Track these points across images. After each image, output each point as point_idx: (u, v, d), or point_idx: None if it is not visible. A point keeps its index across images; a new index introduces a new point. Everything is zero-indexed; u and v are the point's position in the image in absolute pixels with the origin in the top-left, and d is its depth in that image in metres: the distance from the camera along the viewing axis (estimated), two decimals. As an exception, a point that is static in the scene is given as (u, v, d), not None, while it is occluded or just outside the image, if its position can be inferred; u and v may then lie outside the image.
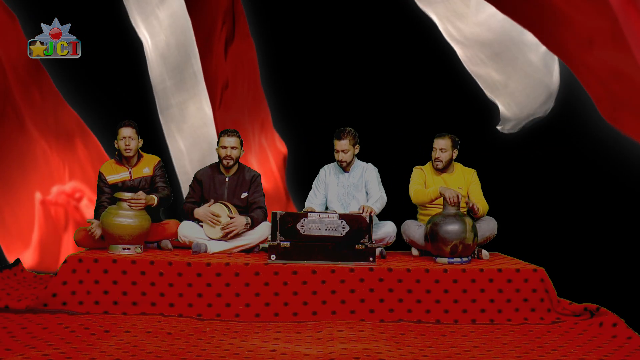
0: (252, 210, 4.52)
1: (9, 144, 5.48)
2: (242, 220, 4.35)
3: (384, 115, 5.68)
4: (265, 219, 4.52)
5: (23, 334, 3.19)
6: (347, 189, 4.67)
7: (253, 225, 4.41)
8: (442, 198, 4.30)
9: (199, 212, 4.43)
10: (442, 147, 4.58)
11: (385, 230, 4.55)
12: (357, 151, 4.68)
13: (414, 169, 4.76)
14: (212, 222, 4.36)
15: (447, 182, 4.62)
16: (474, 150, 5.20)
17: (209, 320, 3.68)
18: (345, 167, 4.70)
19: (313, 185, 4.78)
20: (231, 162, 4.54)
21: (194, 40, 5.69)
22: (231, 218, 4.34)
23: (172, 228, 4.52)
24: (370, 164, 4.72)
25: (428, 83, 5.67)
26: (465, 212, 4.42)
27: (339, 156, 4.61)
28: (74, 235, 4.46)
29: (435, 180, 4.64)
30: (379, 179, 4.67)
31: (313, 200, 4.71)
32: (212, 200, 4.47)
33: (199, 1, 5.76)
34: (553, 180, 5.39)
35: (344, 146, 4.59)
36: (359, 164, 4.72)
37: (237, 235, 4.36)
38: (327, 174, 4.76)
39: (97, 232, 4.28)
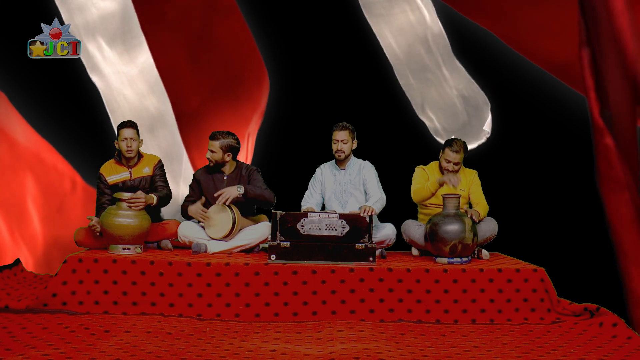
0: None
1: None
2: (233, 188, 4.32)
3: (384, 115, 5.68)
4: (269, 195, 4.43)
5: (23, 334, 3.19)
6: (344, 186, 4.65)
7: (246, 195, 4.33)
8: (442, 198, 4.30)
9: (191, 209, 4.46)
10: (457, 161, 4.52)
11: (385, 232, 4.52)
12: (354, 146, 4.65)
13: (416, 169, 4.75)
14: (202, 219, 4.38)
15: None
16: (474, 150, 5.20)
17: (209, 320, 3.69)
18: (341, 162, 4.66)
19: (309, 185, 4.75)
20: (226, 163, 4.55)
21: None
22: (229, 209, 4.32)
23: (172, 228, 4.52)
24: (367, 162, 4.69)
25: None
26: (465, 212, 4.41)
27: (338, 146, 4.58)
28: (74, 235, 4.45)
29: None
30: (378, 178, 4.64)
31: (309, 200, 4.68)
32: (204, 198, 4.49)
33: None
34: (553, 180, 5.39)
35: (342, 136, 4.57)
36: (355, 161, 4.70)
37: (233, 201, 4.30)
38: (323, 172, 4.74)
39: (99, 227, 4.28)
